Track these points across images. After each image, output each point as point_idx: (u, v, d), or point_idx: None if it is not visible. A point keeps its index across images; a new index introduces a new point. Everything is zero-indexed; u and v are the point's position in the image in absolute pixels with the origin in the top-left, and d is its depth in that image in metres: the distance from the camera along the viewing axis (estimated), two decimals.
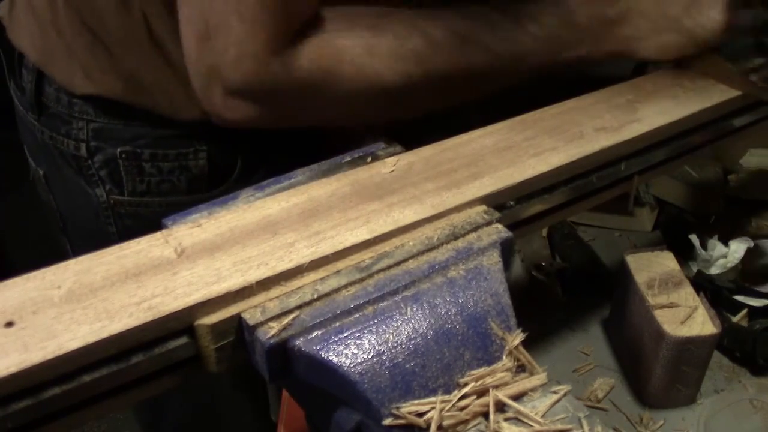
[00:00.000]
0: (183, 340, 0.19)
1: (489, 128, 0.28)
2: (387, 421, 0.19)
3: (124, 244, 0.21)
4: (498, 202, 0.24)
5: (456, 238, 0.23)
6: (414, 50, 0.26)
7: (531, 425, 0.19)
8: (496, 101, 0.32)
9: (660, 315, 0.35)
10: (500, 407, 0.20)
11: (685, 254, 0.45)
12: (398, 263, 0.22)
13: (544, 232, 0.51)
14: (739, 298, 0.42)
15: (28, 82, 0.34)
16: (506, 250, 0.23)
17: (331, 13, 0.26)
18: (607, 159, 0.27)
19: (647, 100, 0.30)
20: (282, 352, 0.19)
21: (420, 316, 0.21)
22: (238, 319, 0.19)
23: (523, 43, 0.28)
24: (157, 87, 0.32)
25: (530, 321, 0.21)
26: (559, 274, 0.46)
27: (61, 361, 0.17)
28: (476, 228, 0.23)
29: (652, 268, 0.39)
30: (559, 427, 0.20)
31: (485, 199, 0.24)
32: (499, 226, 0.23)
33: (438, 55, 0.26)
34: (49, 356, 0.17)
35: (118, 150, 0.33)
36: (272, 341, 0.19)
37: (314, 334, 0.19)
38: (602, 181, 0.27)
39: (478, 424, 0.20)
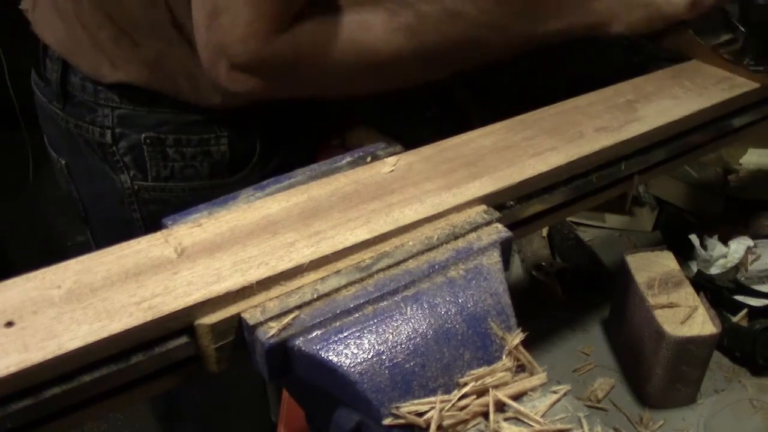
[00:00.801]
0: (183, 339, 0.19)
1: (488, 128, 0.28)
2: (387, 421, 0.19)
3: (124, 244, 0.21)
4: (498, 202, 0.24)
5: (456, 237, 0.23)
6: (405, 24, 0.28)
7: (531, 425, 0.19)
8: (496, 100, 0.33)
9: (660, 315, 0.35)
10: (500, 407, 0.20)
11: (685, 254, 0.45)
12: (398, 263, 0.21)
13: (544, 232, 0.51)
14: (739, 298, 0.42)
15: (54, 72, 0.36)
16: (506, 249, 0.23)
17: None
18: (607, 159, 0.27)
19: (647, 100, 0.30)
20: (282, 351, 0.19)
21: (420, 315, 0.21)
22: (238, 319, 0.19)
23: (507, 16, 0.30)
24: (181, 73, 0.33)
25: (530, 321, 0.21)
26: (559, 274, 0.46)
27: (61, 360, 0.17)
28: (476, 228, 0.23)
29: (652, 268, 0.39)
30: (559, 426, 0.20)
31: (485, 199, 0.24)
32: (499, 225, 0.23)
33: (427, 28, 0.28)
34: (49, 356, 0.17)
35: (143, 136, 0.35)
36: (272, 341, 0.19)
37: (314, 334, 0.19)
38: (602, 181, 0.27)
39: (477, 423, 0.19)
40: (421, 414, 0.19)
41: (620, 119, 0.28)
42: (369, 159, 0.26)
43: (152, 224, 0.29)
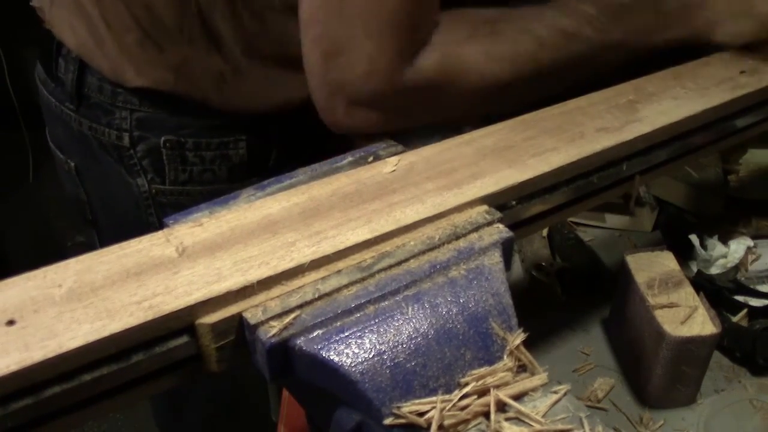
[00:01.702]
0: (184, 339, 0.19)
1: (490, 128, 0.28)
2: (388, 421, 0.19)
3: (125, 243, 0.21)
4: (499, 202, 0.24)
5: (457, 237, 0.23)
6: (527, 51, 0.28)
7: (532, 425, 0.19)
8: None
9: (660, 315, 0.35)
10: (501, 407, 0.20)
11: (685, 254, 0.45)
12: (399, 263, 0.21)
13: (544, 232, 0.51)
14: (739, 298, 0.42)
15: (68, 72, 0.35)
16: (507, 250, 0.23)
17: (448, 19, 0.27)
18: (609, 159, 0.27)
19: (648, 101, 0.30)
20: (283, 351, 0.19)
21: (421, 315, 0.21)
22: (239, 319, 0.19)
23: (618, 33, 0.30)
24: (209, 77, 0.33)
25: (530, 321, 0.21)
26: (559, 274, 0.46)
27: (62, 359, 0.17)
28: (477, 228, 0.23)
29: (652, 268, 0.39)
30: (560, 427, 0.20)
31: (486, 199, 0.24)
32: (500, 226, 0.23)
33: (546, 52, 0.29)
34: (50, 355, 0.17)
35: (162, 139, 0.34)
36: (273, 341, 0.19)
37: (315, 334, 0.19)
38: (603, 182, 0.27)
39: (478, 423, 0.19)
40: (422, 414, 0.19)
41: (621, 120, 0.28)
42: (370, 159, 0.26)
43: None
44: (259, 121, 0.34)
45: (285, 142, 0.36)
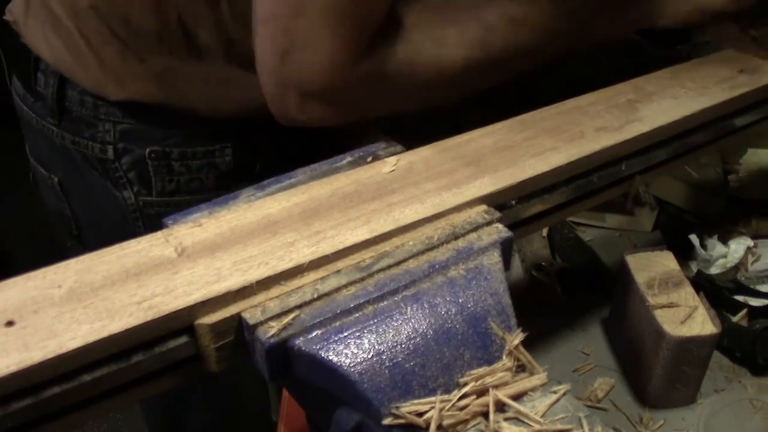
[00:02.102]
0: (183, 339, 0.19)
1: (489, 128, 0.28)
2: (387, 421, 0.19)
3: (125, 244, 0.21)
4: (498, 202, 0.24)
5: (456, 237, 0.23)
6: (476, 37, 0.28)
7: (531, 425, 0.19)
8: (495, 100, 0.33)
9: (660, 315, 0.35)
10: (500, 407, 0.20)
11: (685, 254, 0.45)
12: (398, 263, 0.22)
13: (544, 232, 0.51)
14: (739, 298, 0.42)
15: (48, 87, 0.34)
16: (506, 249, 0.23)
17: (402, 11, 0.28)
18: (608, 159, 0.27)
19: (648, 100, 0.30)
20: (282, 351, 0.19)
21: (420, 315, 0.21)
22: (238, 319, 0.19)
23: (565, 21, 0.30)
24: (193, 85, 0.32)
25: (530, 321, 0.21)
26: (559, 274, 0.46)
27: (62, 360, 0.17)
28: (476, 228, 0.23)
29: (652, 268, 0.39)
30: (559, 427, 0.20)
31: (485, 199, 0.24)
32: (500, 225, 0.23)
33: (495, 38, 0.28)
34: (50, 355, 0.17)
35: (147, 150, 0.33)
36: (272, 341, 0.19)
37: (314, 334, 0.19)
38: (603, 181, 0.27)
39: (477, 423, 0.19)
40: (421, 414, 0.19)
41: (621, 119, 0.28)
42: (369, 159, 0.26)
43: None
44: (244, 127, 0.33)
45: (271, 147, 0.36)
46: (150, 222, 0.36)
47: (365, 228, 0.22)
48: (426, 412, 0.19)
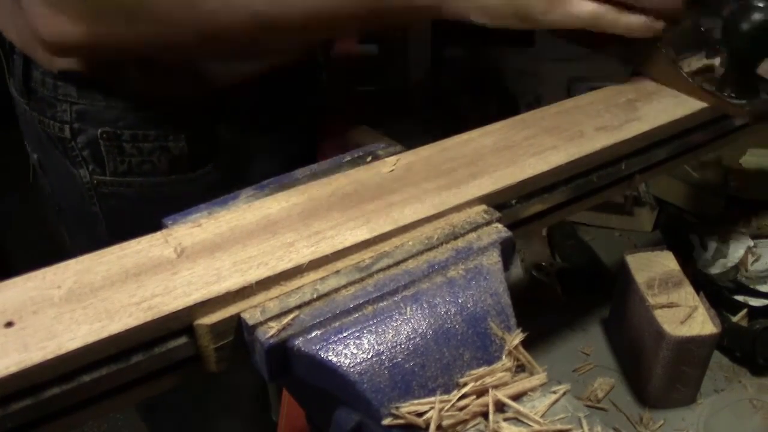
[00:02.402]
0: (183, 339, 0.19)
1: (488, 128, 0.28)
2: (386, 421, 0.19)
3: (125, 244, 0.21)
4: (498, 202, 0.24)
5: (456, 237, 0.23)
6: None
7: (531, 425, 0.19)
8: (496, 100, 0.33)
9: (660, 315, 0.35)
10: (500, 407, 0.20)
11: (685, 254, 0.45)
12: (398, 263, 0.22)
13: (544, 232, 0.51)
14: (739, 298, 0.42)
15: (18, 67, 0.36)
16: (506, 249, 0.23)
17: None
18: (608, 158, 0.27)
19: (648, 99, 0.30)
20: (281, 352, 0.19)
21: (419, 315, 0.21)
22: (237, 319, 0.19)
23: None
24: (130, 61, 0.33)
25: (530, 321, 0.21)
26: (559, 274, 0.46)
27: (61, 360, 0.17)
28: (476, 228, 0.23)
29: (652, 268, 0.40)
30: (559, 427, 0.20)
31: (485, 199, 0.24)
32: (499, 225, 0.23)
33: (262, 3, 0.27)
34: (49, 356, 0.17)
35: (99, 131, 0.35)
36: (272, 341, 0.19)
37: (314, 334, 0.19)
38: (603, 180, 0.27)
39: (477, 424, 0.19)
40: (420, 414, 0.19)
41: (621, 118, 0.28)
42: (369, 159, 0.26)
43: (112, 219, 0.33)
44: (201, 111, 0.34)
45: (230, 135, 0.36)
46: (105, 202, 0.37)
47: (365, 228, 0.22)
48: (426, 412, 0.19)
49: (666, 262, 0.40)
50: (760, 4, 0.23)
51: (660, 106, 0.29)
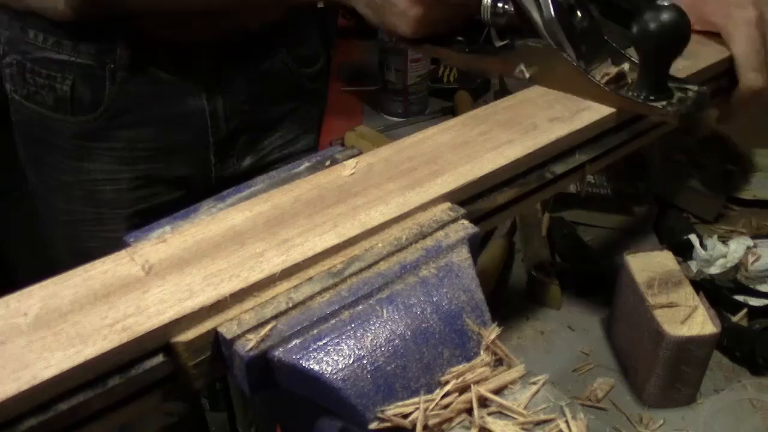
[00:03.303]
0: (159, 359, 0.29)
1: (443, 125, 0.44)
2: (373, 426, 0.29)
3: (89, 265, 0.31)
4: (461, 198, 0.39)
5: (424, 237, 0.35)
6: None
7: (515, 417, 0.31)
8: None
9: (660, 315, 0.52)
10: (483, 402, 0.30)
11: (685, 254, 0.65)
12: (369, 266, 0.33)
13: (544, 231, 0.69)
14: (739, 298, 0.60)
15: None
16: (474, 245, 0.37)
17: None
18: (563, 148, 0.44)
19: None
20: (262, 364, 0.29)
21: (396, 317, 0.32)
22: (214, 334, 0.30)
23: None
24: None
25: (530, 321, 0.33)
26: (559, 274, 0.64)
27: (37, 390, 0.26)
28: (443, 226, 0.36)
29: (652, 268, 0.57)
30: (543, 417, 0.32)
31: (448, 196, 0.38)
32: (465, 222, 0.37)
33: None
34: (24, 387, 0.26)
35: (12, 57, 0.67)
36: (251, 354, 0.29)
37: (293, 343, 0.30)
38: (559, 170, 0.44)
39: (462, 420, 0.30)
40: (406, 416, 0.30)
41: (571, 109, 0.46)
42: (328, 163, 0.40)
43: (21, 134, 0.73)
44: (90, 63, 0.64)
45: (115, 87, 0.66)
46: (17, 116, 0.71)
47: (333, 233, 0.35)
48: (411, 413, 0.30)
49: (666, 262, 0.58)
50: (666, 3, 0.42)
51: None
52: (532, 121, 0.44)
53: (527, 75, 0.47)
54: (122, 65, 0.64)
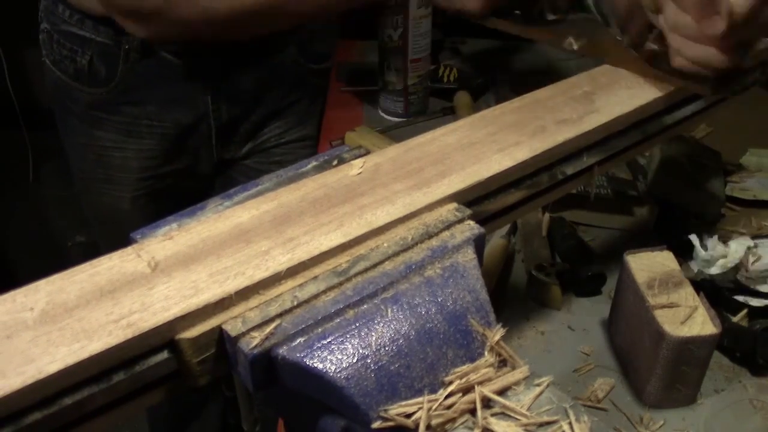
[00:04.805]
0: (164, 355, 0.28)
1: (451, 126, 0.42)
2: (376, 425, 0.28)
3: (95, 261, 0.30)
4: (467, 199, 0.37)
5: (430, 237, 0.34)
6: None
7: (518, 419, 0.30)
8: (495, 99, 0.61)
9: (660, 315, 0.50)
10: (486, 403, 0.29)
11: (685, 254, 0.62)
12: (375, 265, 0.32)
13: (544, 231, 0.67)
14: (739, 298, 0.58)
15: None
16: (480, 246, 0.35)
17: None
18: (570, 151, 0.42)
19: (603, 92, 0.45)
20: (266, 361, 0.28)
21: (401, 317, 0.31)
22: (219, 331, 0.29)
23: None
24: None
25: (530, 321, 0.32)
26: (559, 274, 0.62)
27: (42, 384, 0.25)
28: (449, 226, 0.35)
29: (652, 268, 0.55)
30: (546, 418, 0.30)
31: (455, 197, 0.37)
32: (471, 222, 0.36)
33: None
34: (30, 381, 0.25)
35: (45, 24, 0.76)
36: (255, 351, 0.28)
37: (297, 342, 0.29)
38: (567, 172, 0.42)
39: (465, 421, 0.29)
40: (409, 415, 0.29)
41: (580, 111, 0.43)
42: (335, 162, 0.38)
43: (50, 95, 0.82)
44: (107, 41, 0.70)
45: (127, 69, 0.72)
46: (50, 76, 0.79)
47: (339, 232, 0.33)
48: (414, 413, 0.29)
49: (666, 262, 0.56)
50: None
51: (616, 98, 0.45)
52: (540, 123, 0.42)
53: (575, 47, 0.49)
54: (136, 47, 0.70)
